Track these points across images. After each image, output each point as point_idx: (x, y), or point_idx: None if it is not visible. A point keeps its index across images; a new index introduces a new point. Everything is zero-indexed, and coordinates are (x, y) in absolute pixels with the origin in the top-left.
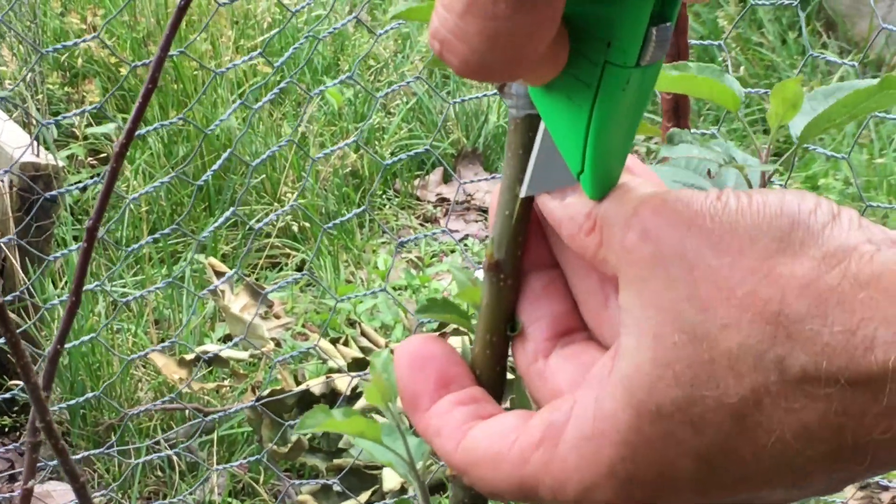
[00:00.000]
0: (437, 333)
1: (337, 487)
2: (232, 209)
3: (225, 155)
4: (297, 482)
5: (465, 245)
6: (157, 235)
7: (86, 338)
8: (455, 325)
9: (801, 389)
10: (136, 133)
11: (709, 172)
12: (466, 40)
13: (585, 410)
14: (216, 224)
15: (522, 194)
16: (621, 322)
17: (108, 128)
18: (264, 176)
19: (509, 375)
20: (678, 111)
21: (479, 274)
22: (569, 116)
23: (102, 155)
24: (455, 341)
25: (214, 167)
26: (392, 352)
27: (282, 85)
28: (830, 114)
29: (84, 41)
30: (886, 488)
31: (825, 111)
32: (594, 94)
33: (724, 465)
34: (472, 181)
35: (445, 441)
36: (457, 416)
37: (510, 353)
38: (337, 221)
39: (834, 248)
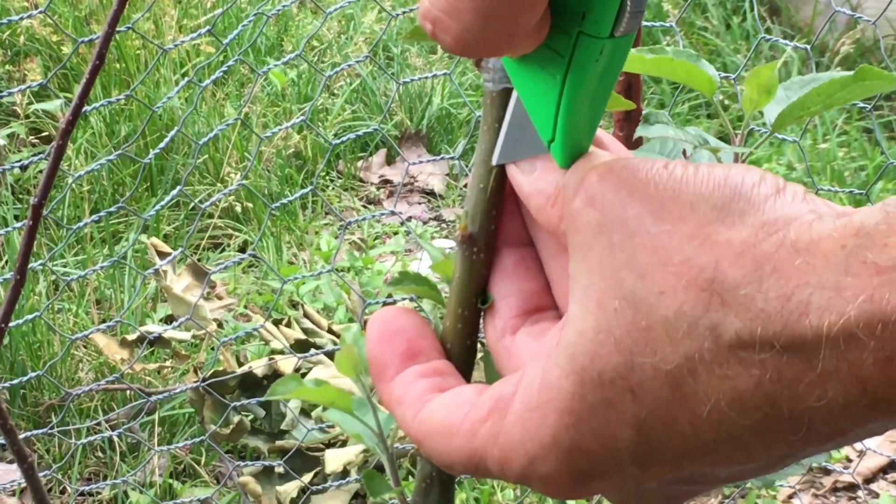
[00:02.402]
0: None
1: (279, 469)
2: (179, 188)
3: (172, 133)
4: (239, 463)
5: (409, 227)
6: (102, 214)
7: (29, 317)
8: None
9: (736, 356)
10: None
11: (684, 153)
12: (459, 18)
13: (532, 381)
14: (162, 203)
15: (494, 162)
16: (570, 291)
17: (54, 104)
18: (207, 156)
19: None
20: (630, 91)
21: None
22: (542, 86)
23: (44, 134)
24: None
25: (161, 145)
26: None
27: (229, 63)
28: (805, 102)
29: (29, 16)
30: (829, 472)
31: (800, 99)
32: (567, 64)
33: (664, 435)
34: (417, 162)
35: (405, 411)
36: (419, 387)
37: (482, 327)
38: (284, 202)
39: (774, 218)
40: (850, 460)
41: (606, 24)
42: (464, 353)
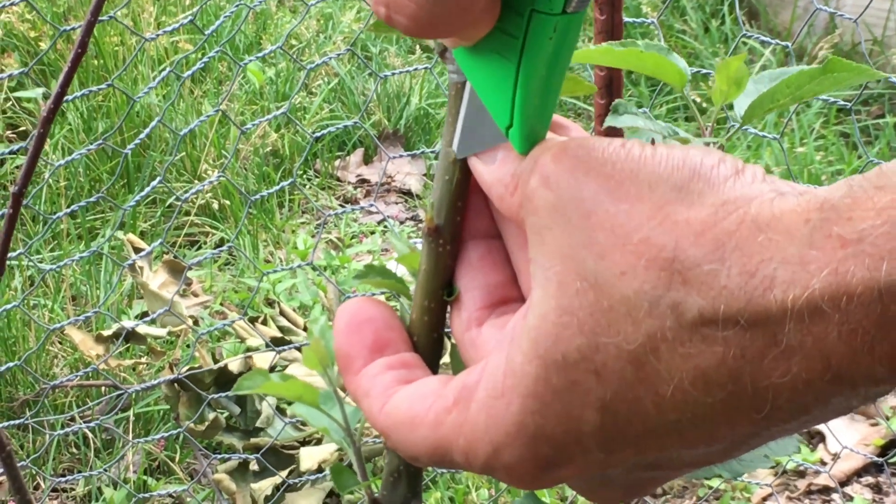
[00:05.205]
0: None
1: (254, 467)
2: (159, 178)
3: (153, 124)
4: (214, 456)
5: (385, 226)
6: (82, 204)
7: (7, 306)
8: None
9: (699, 334)
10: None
11: (652, 142)
12: None
13: (496, 368)
14: (141, 194)
15: (456, 156)
16: (532, 276)
17: (37, 92)
18: (184, 154)
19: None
20: (611, 87)
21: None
22: (496, 71)
23: (21, 129)
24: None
25: (142, 135)
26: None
27: (210, 55)
28: (774, 94)
29: (5, 6)
30: (803, 474)
31: (769, 91)
32: (521, 45)
33: (628, 416)
34: (396, 157)
35: (372, 403)
36: (386, 379)
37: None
38: (263, 194)
39: (734, 197)
40: (824, 463)
41: (559, 0)
42: (430, 345)
